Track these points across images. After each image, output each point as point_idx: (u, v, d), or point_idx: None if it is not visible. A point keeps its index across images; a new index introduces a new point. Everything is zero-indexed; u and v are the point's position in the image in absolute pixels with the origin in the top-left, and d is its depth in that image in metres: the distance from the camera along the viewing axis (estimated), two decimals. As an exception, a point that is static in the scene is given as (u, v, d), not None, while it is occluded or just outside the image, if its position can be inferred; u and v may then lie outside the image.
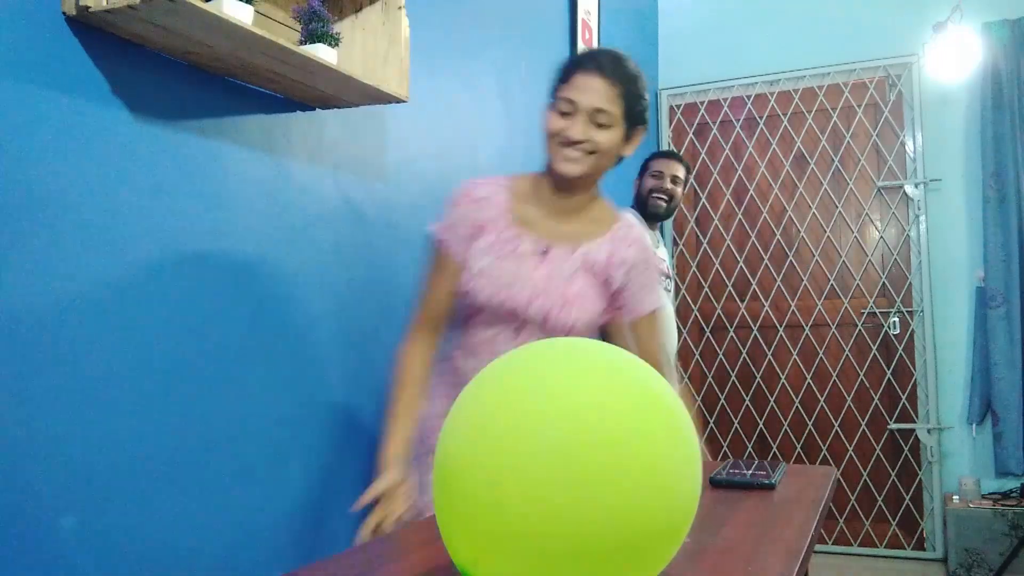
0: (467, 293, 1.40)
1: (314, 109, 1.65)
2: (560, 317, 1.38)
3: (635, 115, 1.40)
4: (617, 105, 1.36)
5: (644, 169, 2.87)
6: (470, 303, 1.41)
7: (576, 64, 1.38)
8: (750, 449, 3.81)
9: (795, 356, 3.73)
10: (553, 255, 1.41)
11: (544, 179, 1.44)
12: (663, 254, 2.85)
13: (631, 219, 1.53)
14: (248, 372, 1.47)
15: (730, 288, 3.89)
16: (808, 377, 3.70)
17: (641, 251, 1.47)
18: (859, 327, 3.65)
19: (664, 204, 2.77)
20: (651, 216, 2.79)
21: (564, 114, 1.36)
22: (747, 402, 3.83)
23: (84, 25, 1.18)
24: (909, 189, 3.59)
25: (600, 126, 1.36)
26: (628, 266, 1.45)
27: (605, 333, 1.51)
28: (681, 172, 2.81)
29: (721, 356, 3.88)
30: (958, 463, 3.48)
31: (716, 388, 3.88)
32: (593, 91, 1.34)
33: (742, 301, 3.86)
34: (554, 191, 1.42)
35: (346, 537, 1.67)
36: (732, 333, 3.88)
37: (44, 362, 1.12)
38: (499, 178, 1.47)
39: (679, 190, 2.80)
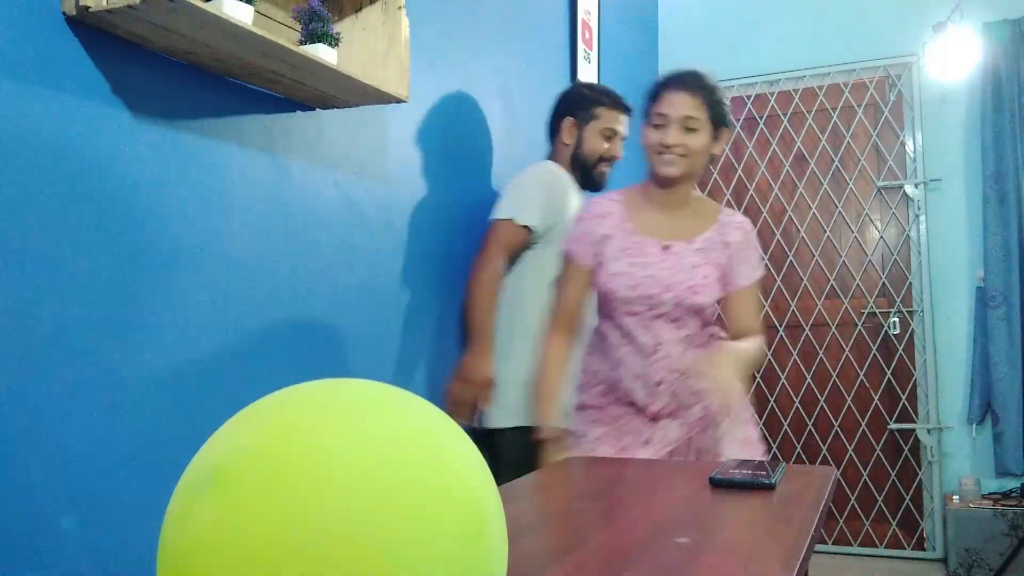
0: (608, 291, 1.68)
1: (314, 109, 1.65)
2: (690, 300, 1.66)
3: (719, 118, 1.67)
4: (702, 112, 1.63)
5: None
6: (611, 298, 1.68)
7: (662, 84, 1.68)
8: (750, 449, 3.81)
9: (795, 356, 3.73)
10: (673, 250, 1.68)
11: (649, 186, 1.72)
12: None
13: (735, 213, 1.77)
14: (248, 372, 1.47)
15: (730, 288, 3.89)
16: (808, 377, 3.70)
17: (746, 232, 1.74)
18: (859, 327, 3.65)
19: None
20: None
21: (657, 127, 1.66)
22: (747, 402, 3.82)
23: (84, 25, 1.18)
24: (909, 189, 3.59)
25: (690, 131, 1.63)
26: (734, 244, 1.71)
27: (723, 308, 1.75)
28: None
29: (721, 356, 3.88)
30: (958, 463, 3.48)
31: (716, 388, 3.88)
32: (680, 104, 1.63)
33: (742, 301, 3.86)
34: (658, 194, 1.71)
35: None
36: (732, 333, 3.88)
37: (44, 362, 1.12)
38: (611, 193, 1.76)
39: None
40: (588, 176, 2.27)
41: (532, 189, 2.13)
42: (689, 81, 1.64)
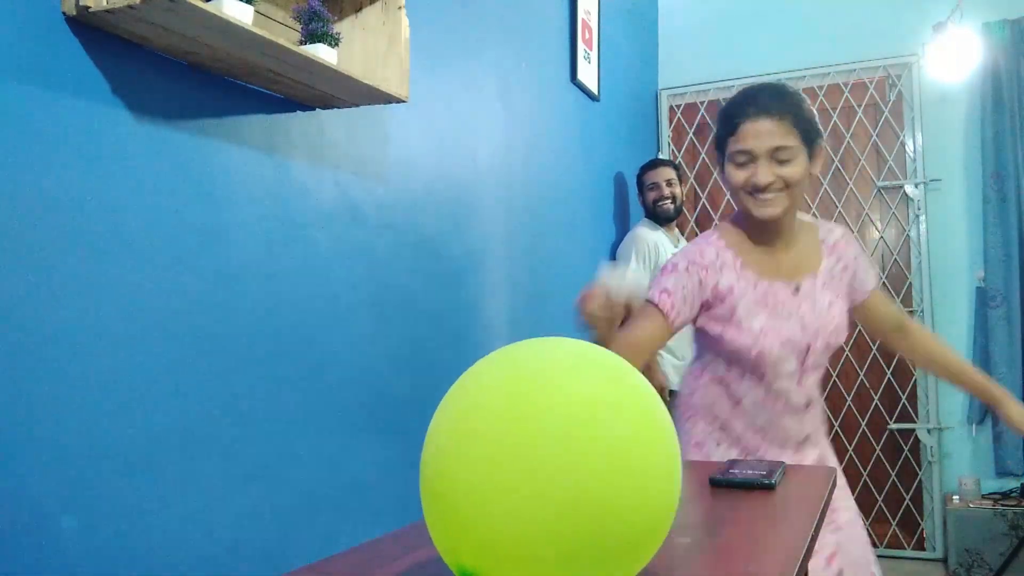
0: (760, 352, 1.43)
1: (314, 109, 1.65)
2: (834, 342, 1.50)
3: (812, 135, 1.41)
4: (793, 137, 1.37)
5: (640, 185, 3.32)
6: (761, 360, 1.44)
7: (737, 113, 1.41)
8: (750, 449, 3.81)
9: (795, 356, 3.73)
10: (803, 291, 1.47)
11: (749, 225, 1.47)
12: None
13: (826, 223, 1.57)
14: (247, 372, 1.47)
15: (730, 288, 3.88)
16: (808, 377, 3.70)
17: (849, 242, 1.55)
18: (859, 327, 3.65)
19: (671, 206, 3.21)
20: (664, 220, 3.23)
21: (741, 165, 1.40)
22: (747, 402, 3.82)
23: (84, 25, 1.18)
24: (909, 189, 3.59)
25: (782, 162, 1.38)
26: (848, 260, 1.53)
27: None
28: (672, 174, 3.25)
29: (721, 356, 3.88)
30: (958, 463, 3.48)
31: (716, 388, 3.88)
32: (765, 134, 1.37)
33: (742, 301, 3.86)
34: (763, 234, 1.47)
35: (346, 537, 1.67)
36: (732, 333, 3.88)
37: (44, 362, 1.12)
38: (710, 237, 1.49)
39: (678, 189, 3.24)
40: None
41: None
42: (769, 104, 1.37)
